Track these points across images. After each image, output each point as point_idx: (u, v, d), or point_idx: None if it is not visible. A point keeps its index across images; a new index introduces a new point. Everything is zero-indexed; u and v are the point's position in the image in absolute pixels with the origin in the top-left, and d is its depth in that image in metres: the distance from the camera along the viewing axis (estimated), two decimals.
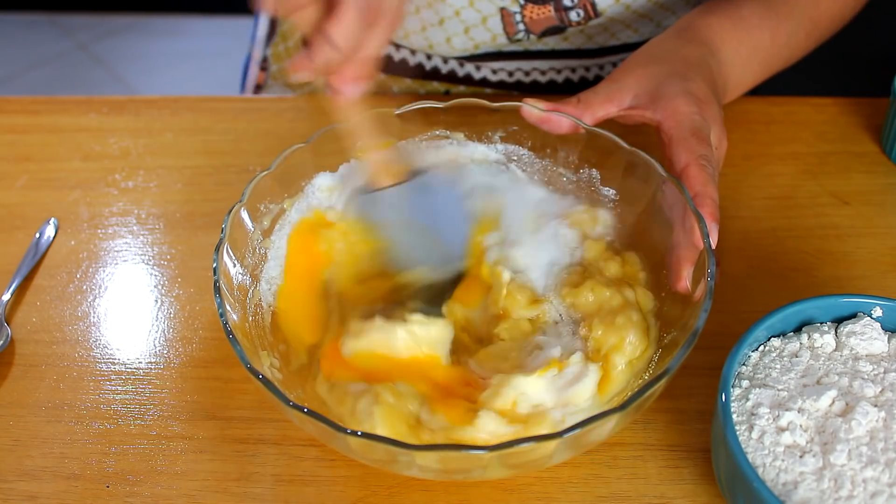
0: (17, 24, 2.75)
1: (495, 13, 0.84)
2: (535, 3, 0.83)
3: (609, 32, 0.88)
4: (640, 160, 0.63)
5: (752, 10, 0.76)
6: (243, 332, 0.56)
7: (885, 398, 0.53)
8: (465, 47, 0.88)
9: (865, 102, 0.86)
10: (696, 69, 0.69)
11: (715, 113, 0.67)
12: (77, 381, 0.65)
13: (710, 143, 0.64)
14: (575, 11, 0.83)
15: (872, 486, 0.49)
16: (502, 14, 0.84)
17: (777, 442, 0.51)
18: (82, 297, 0.71)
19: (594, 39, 0.89)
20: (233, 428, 0.61)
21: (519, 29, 0.86)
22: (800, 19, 0.78)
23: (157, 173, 0.82)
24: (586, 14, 0.84)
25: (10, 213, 0.78)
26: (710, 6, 0.77)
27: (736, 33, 0.75)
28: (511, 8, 0.83)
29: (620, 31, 0.88)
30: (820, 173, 0.79)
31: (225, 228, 0.58)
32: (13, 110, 0.90)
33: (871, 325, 0.56)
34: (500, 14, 0.84)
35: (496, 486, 0.57)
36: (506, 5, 0.83)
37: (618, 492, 0.57)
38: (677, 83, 0.67)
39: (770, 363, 0.56)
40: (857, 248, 0.72)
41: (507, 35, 0.86)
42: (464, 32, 0.86)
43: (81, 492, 0.58)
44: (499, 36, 0.86)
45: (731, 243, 0.73)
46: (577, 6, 0.83)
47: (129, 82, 2.54)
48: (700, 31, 0.74)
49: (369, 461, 0.51)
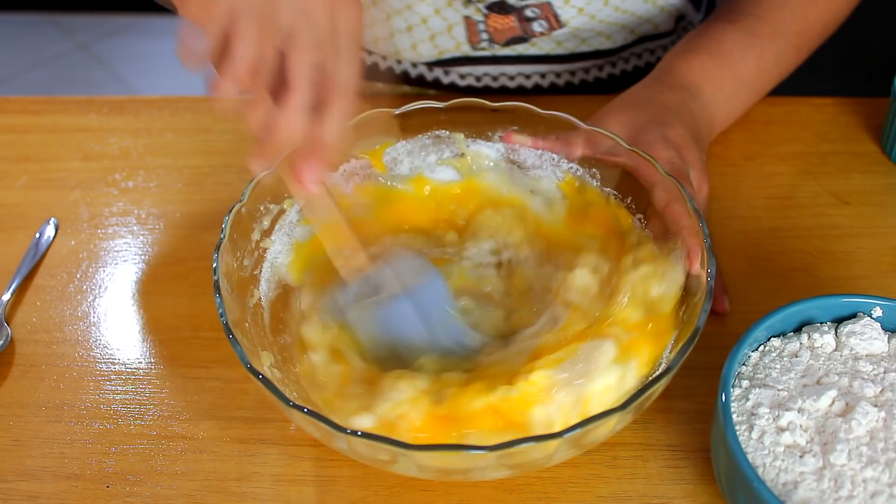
0: (17, 24, 2.75)
1: (460, 22, 0.84)
2: (497, 12, 0.83)
3: (579, 39, 0.87)
4: (639, 160, 0.62)
5: (733, 41, 0.76)
6: (243, 332, 0.56)
7: (885, 398, 0.53)
8: (431, 54, 0.88)
9: (865, 102, 0.86)
10: (675, 115, 0.70)
11: (695, 157, 0.68)
12: (77, 381, 0.65)
13: (691, 182, 0.64)
14: (538, 22, 0.83)
15: (872, 486, 0.49)
16: (466, 23, 0.84)
17: (777, 442, 0.51)
18: (82, 297, 0.71)
19: (564, 45, 0.88)
20: (233, 428, 0.61)
21: (482, 38, 0.86)
22: (787, 36, 0.77)
23: (157, 173, 0.82)
24: (549, 25, 0.83)
25: (10, 213, 0.78)
26: (691, 43, 0.77)
27: (718, 70, 0.75)
28: (475, 17, 0.83)
29: (591, 38, 0.87)
30: (820, 173, 0.79)
31: (225, 228, 0.58)
32: (13, 110, 0.90)
33: (871, 325, 0.56)
34: (465, 23, 0.84)
35: (496, 486, 0.57)
36: (469, 14, 0.83)
37: (618, 492, 0.57)
38: (656, 130, 0.67)
39: (770, 363, 0.56)
40: (857, 248, 0.72)
41: (471, 43, 0.86)
42: (429, 39, 0.86)
43: (81, 492, 0.58)
44: (463, 44, 0.87)
45: (731, 243, 0.72)
46: (539, 17, 0.82)
47: (129, 82, 2.54)
48: (680, 75, 0.75)
49: (369, 461, 0.51)
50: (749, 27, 0.77)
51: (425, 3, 0.83)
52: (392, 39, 0.88)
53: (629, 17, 0.86)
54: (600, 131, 0.64)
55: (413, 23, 0.85)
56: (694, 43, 0.77)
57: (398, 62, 0.92)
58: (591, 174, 0.67)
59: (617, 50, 0.90)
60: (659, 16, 0.88)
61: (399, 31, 0.87)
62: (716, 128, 0.76)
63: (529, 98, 0.70)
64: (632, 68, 0.94)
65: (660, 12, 0.87)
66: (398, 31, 0.87)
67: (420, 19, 0.85)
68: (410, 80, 0.94)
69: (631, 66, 0.94)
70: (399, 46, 0.89)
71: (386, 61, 0.93)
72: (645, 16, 0.87)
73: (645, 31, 0.89)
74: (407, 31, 0.86)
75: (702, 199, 0.68)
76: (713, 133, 0.76)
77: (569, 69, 0.92)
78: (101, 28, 2.73)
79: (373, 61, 0.94)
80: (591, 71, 0.93)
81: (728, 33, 0.77)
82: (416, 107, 0.67)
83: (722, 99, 0.75)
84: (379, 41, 0.89)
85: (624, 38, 0.89)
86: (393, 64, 0.93)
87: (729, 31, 0.77)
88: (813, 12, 0.78)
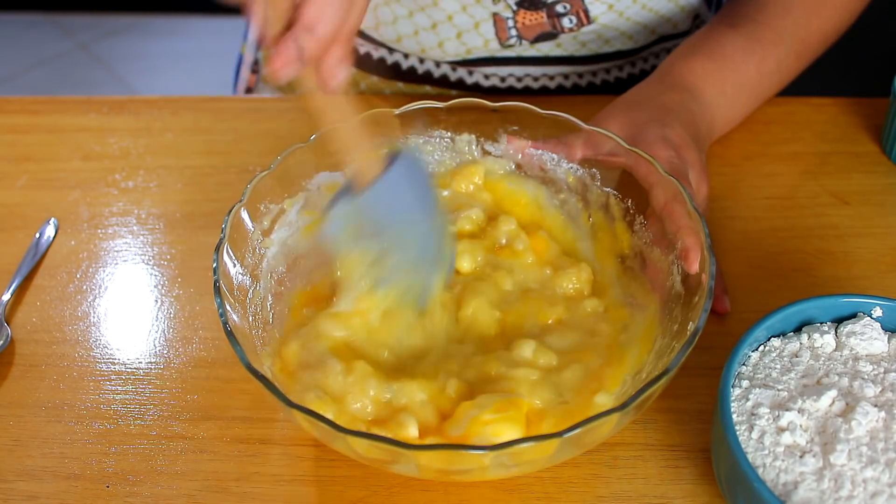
0: (17, 24, 2.75)
1: (488, 18, 0.84)
2: (527, 8, 0.83)
3: (603, 39, 0.88)
4: (639, 160, 0.62)
5: (735, 46, 0.76)
6: (243, 332, 0.56)
7: (885, 398, 0.53)
8: (458, 52, 0.88)
9: (865, 102, 0.86)
10: (675, 116, 0.70)
11: (694, 157, 0.68)
12: (77, 381, 0.65)
13: (690, 183, 0.64)
14: (568, 18, 0.83)
15: (872, 486, 0.49)
16: (495, 20, 0.84)
17: (777, 442, 0.51)
18: (82, 297, 0.71)
19: (588, 46, 0.88)
20: (233, 428, 0.61)
21: (511, 35, 0.85)
22: (789, 43, 0.78)
23: (157, 173, 0.82)
24: (579, 21, 0.83)
25: (10, 213, 0.78)
26: (694, 46, 0.77)
27: (720, 73, 0.75)
28: (503, 13, 0.83)
29: (615, 38, 0.88)
30: (820, 173, 0.79)
31: (225, 228, 0.58)
32: (13, 110, 0.90)
33: (871, 325, 0.56)
34: (493, 19, 0.84)
35: (496, 486, 0.57)
36: (498, 11, 0.83)
37: (618, 492, 0.57)
38: (655, 129, 0.67)
39: (770, 363, 0.56)
40: (857, 248, 0.72)
41: (500, 40, 0.86)
42: (456, 37, 0.86)
43: (81, 492, 0.58)
44: (491, 41, 0.86)
45: (731, 243, 0.73)
46: (569, 13, 0.82)
47: (129, 82, 2.54)
48: (682, 76, 0.75)
49: (369, 461, 0.51)
50: (751, 33, 0.77)
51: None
52: (417, 37, 0.88)
53: (653, 16, 0.86)
54: (600, 131, 0.64)
55: (438, 20, 0.85)
56: (696, 46, 0.77)
57: (420, 61, 0.92)
58: (591, 174, 0.67)
59: (637, 50, 0.90)
60: (678, 14, 0.88)
61: (424, 28, 0.86)
62: (716, 130, 0.76)
63: (530, 98, 0.70)
64: (650, 68, 0.95)
65: (679, 11, 0.88)
66: (422, 28, 0.86)
67: (446, 16, 0.84)
68: (433, 80, 0.93)
69: (650, 65, 0.95)
70: (424, 44, 0.88)
71: (408, 60, 0.92)
72: (667, 15, 0.87)
73: (665, 31, 0.89)
74: (432, 29, 0.86)
75: (701, 199, 0.68)
76: (713, 135, 0.76)
77: (591, 70, 0.92)
78: (101, 28, 2.74)
79: (394, 60, 0.93)
80: (611, 71, 0.93)
81: (730, 38, 0.77)
82: (416, 107, 0.67)
83: (722, 102, 0.75)
84: (402, 39, 0.89)
85: (645, 38, 0.89)
86: (415, 63, 0.92)
87: (731, 36, 0.77)
88: (815, 21, 0.78)
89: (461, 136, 0.69)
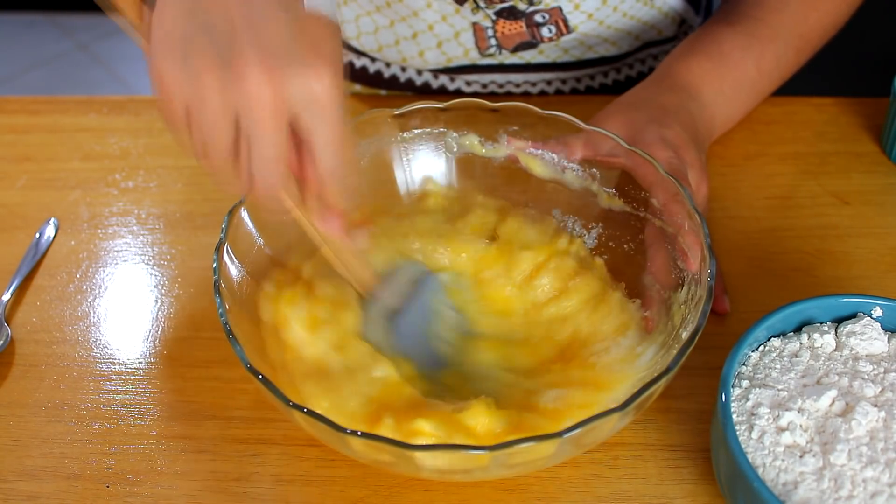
0: (17, 24, 2.75)
1: (468, 28, 0.84)
2: (506, 18, 0.82)
3: (586, 46, 0.87)
4: (638, 160, 0.62)
5: (733, 43, 0.76)
6: (243, 332, 0.56)
7: (885, 398, 0.53)
8: (438, 61, 0.88)
9: (865, 102, 0.86)
10: (673, 116, 0.70)
11: (693, 157, 0.68)
12: (77, 381, 0.65)
13: (689, 183, 0.64)
14: (547, 27, 0.83)
15: (872, 486, 0.49)
16: (475, 29, 0.84)
17: (777, 442, 0.51)
18: (82, 297, 0.71)
19: (570, 52, 0.88)
20: (233, 428, 0.61)
21: (491, 44, 0.85)
22: (787, 38, 0.77)
23: (157, 173, 0.82)
24: (558, 30, 0.83)
25: (10, 213, 0.78)
26: (691, 46, 0.77)
27: (717, 72, 0.75)
28: (483, 23, 0.83)
29: (598, 45, 0.87)
30: (820, 173, 0.79)
31: (225, 228, 0.58)
32: (13, 110, 0.90)
33: (871, 325, 0.56)
34: (473, 29, 0.84)
35: (496, 486, 0.57)
36: (478, 20, 0.83)
37: (618, 492, 0.57)
38: (654, 130, 0.67)
39: (770, 363, 0.56)
40: (857, 248, 0.72)
41: (479, 49, 0.86)
42: (436, 46, 0.86)
43: (81, 492, 0.58)
44: (471, 50, 0.86)
45: (731, 243, 0.72)
46: (548, 22, 0.82)
47: (129, 82, 2.54)
48: (679, 77, 0.75)
49: (369, 461, 0.51)
50: (748, 29, 0.77)
51: (431, 9, 0.82)
52: (398, 47, 0.88)
53: (635, 24, 0.86)
54: (600, 131, 0.64)
55: (419, 29, 0.85)
56: (693, 45, 0.77)
57: (402, 69, 0.92)
58: (591, 175, 0.67)
59: (622, 56, 0.90)
60: (662, 21, 0.88)
61: (404, 38, 0.87)
62: (716, 129, 0.76)
63: (530, 99, 0.70)
64: (636, 74, 0.94)
65: (663, 17, 0.87)
66: (403, 38, 0.87)
67: (426, 26, 0.84)
68: (415, 87, 0.93)
69: (635, 72, 0.94)
70: (405, 54, 0.88)
71: (390, 68, 0.93)
72: (650, 21, 0.87)
73: (649, 38, 0.89)
74: (413, 39, 0.86)
75: (700, 199, 0.68)
76: (713, 135, 0.76)
77: (575, 76, 0.92)
78: (101, 28, 2.73)
79: (376, 69, 0.93)
80: (596, 78, 0.93)
81: (727, 35, 0.77)
82: (415, 107, 0.67)
83: (721, 101, 0.75)
84: (383, 48, 0.89)
85: (629, 45, 0.89)
86: (397, 72, 0.93)
87: (728, 34, 0.77)
88: (813, 15, 0.78)
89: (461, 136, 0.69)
